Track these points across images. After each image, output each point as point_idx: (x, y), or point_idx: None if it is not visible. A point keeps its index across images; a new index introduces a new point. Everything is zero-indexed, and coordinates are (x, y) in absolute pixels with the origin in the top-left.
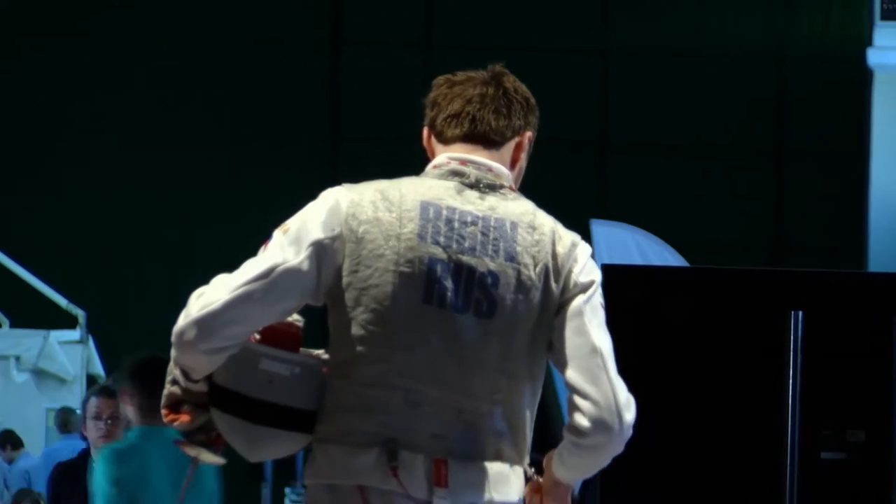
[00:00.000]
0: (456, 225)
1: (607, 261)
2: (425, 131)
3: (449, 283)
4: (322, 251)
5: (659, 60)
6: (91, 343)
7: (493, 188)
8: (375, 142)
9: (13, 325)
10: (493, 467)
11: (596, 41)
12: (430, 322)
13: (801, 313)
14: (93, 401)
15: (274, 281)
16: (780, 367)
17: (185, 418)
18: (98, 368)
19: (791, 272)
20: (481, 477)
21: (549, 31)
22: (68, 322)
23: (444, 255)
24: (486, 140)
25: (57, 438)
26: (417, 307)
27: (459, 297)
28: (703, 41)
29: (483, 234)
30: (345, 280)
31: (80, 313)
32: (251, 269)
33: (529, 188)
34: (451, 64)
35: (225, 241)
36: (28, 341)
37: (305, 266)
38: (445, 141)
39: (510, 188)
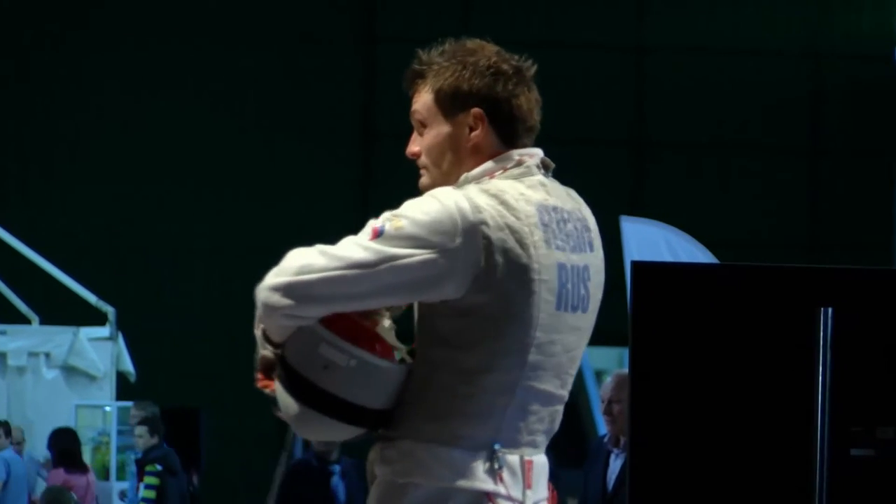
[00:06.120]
0: (562, 225)
1: (637, 257)
2: (482, 116)
3: (569, 286)
4: (445, 257)
5: (693, 57)
6: (121, 340)
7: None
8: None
9: (43, 321)
10: (544, 460)
11: (631, 38)
12: (560, 327)
13: (830, 310)
14: None
15: (377, 273)
16: (809, 364)
17: (272, 387)
18: (128, 365)
19: (820, 269)
20: (544, 472)
21: (584, 29)
22: (98, 319)
23: (564, 259)
24: None
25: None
26: (552, 314)
27: (575, 296)
28: (738, 39)
29: (575, 228)
30: (483, 289)
31: (109, 310)
32: (355, 252)
33: (564, 184)
34: None
35: (257, 239)
36: (58, 338)
37: (416, 267)
38: (511, 143)
39: None
